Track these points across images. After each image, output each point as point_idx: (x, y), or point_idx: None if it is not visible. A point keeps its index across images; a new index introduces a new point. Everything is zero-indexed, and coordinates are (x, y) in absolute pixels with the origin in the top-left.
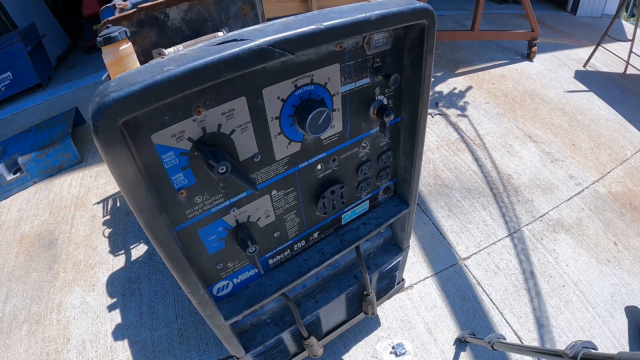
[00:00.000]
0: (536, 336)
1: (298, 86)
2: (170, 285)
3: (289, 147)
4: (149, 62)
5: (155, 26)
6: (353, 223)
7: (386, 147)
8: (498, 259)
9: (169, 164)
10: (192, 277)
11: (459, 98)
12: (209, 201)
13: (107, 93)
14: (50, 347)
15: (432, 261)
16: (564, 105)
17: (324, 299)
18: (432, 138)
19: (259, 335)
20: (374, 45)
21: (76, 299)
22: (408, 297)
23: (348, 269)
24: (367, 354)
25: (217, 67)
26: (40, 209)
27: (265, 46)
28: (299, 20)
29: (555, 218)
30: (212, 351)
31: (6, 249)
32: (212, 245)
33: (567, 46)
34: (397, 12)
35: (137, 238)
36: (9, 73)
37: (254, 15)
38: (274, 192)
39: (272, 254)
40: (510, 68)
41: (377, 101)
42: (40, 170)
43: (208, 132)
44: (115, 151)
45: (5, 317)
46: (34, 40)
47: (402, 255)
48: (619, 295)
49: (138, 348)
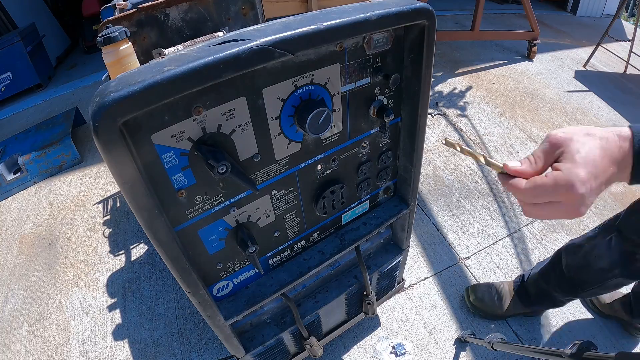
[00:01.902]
0: (536, 336)
1: (298, 86)
2: (170, 285)
3: (289, 147)
4: (149, 62)
5: (155, 26)
6: (353, 223)
7: (386, 147)
8: (498, 259)
9: (169, 164)
10: (192, 277)
11: (459, 98)
12: (209, 201)
13: (107, 93)
14: (50, 347)
15: (432, 261)
16: (564, 105)
17: (324, 299)
18: (432, 138)
19: (259, 335)
20: (374, 45)
21: (76, 299)
22: (408, 297)
23: (348, 269)
24: (367, 354)
25: (217, 67)
26: (40, 209)
27: (265, 46)
28: (299, 20)
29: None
30: (212, 351)
31: (6, 249)
32: (212, 245)
33: (567, 46)
34: (397, 12)
35: (137, 238)
36: (9, 73)
37: (254, 15)
38: (274, 192)
39: (272, 254)
40: (510, 68)
41: (377, 101)
42: (40, 170)
43: (208, 132)
44: (115, 151)
45: (5, 317)
46: (34, 40)
47: (402, 255)
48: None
49: (138, 348)
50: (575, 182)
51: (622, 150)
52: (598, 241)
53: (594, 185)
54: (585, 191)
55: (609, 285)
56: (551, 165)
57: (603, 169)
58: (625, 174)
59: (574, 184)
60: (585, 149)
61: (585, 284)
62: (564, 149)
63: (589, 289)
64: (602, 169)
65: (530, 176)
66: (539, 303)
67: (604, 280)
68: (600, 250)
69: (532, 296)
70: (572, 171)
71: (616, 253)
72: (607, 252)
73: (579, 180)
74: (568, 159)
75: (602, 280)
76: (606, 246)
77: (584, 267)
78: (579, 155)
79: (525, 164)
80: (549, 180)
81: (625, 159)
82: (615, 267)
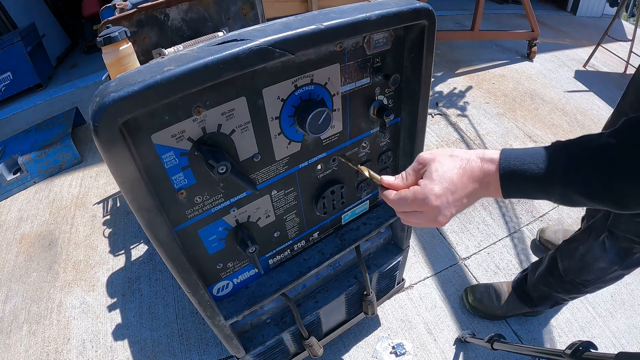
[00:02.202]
0: (536, 336)
1: (298, 86)
2: (170, 285)
3: (289, 147)
4: (149, 62)
5: (155, 26)
6: (353, 223)
7: (386, 147)
8: (498, 259)
9: (169, 164)
10: (192, 277)
11: (459, 98)
12: (209, 201)
13: (107, 93)
14: (50, 347)
15: (432, 261)
16: (564, 105)
17: (324, 299)
18: (432, 138)
19: (259, 336)
20: (374, 45)
21: (76, 299)
22: (408, 297)
23: (348, 269)
24: (367, 354)
25: (217, 67)
26: (40, 209)
27: (265, 46)
28: (299, 20)
29: (556, 218)
30: (212, 351)
31: (6, 249)
32: (212, 245)
33: (567, 46)
34: (397, 12)
35: (137, 238)
36: (9, 73)
37: (254, 15)
38: (274, 192)
39: (272, 254)
40: (510, 68)
41: (377, 101)
42: (40, 170)
43: (208, 132)
44: (115, 151)
45: (5, 317)
46: (34, 40)
47: (402, 255)
48: (619, 295)
49: (138, 348)
50: (429, 195)
51: (485, 170)
52: (591, 243)
53: (450, 199)
54: (440, 204)
55: (611, 278)
56: (417, 181)
57: (462, 185)
58: (492, 191)
59: (428, 197)
60: (443, 168)
61: (587, 282)
62: (427, 167)
63: (591, 286)
64: (460, 186)
65: (400, 189)
66: (544, 304)
67: (604, 276)
68: (596, 253)
69: (536, 299)
70: (428, 186)
71: (612, 253)
72: (603, 254)
73: (433, 194)
74: (427, 177)
75: (602, 276)
76: (600, 248)
77: (583, 269)
78: (436, 174)
79: (398, 179)
80: (410, 193)
81: (488, 178)
82: (614, 265)
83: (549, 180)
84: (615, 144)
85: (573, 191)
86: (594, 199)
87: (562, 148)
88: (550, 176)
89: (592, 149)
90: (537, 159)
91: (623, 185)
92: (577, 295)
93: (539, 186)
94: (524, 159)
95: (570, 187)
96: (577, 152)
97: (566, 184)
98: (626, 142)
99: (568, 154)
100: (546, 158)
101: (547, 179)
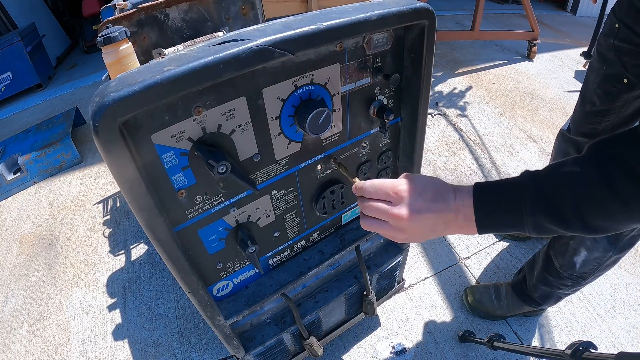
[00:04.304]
0: (536, 336)
1: (298, 86)
2: (170, 285)
3: (289, 147)
4: (149, 62)
5: (155, 26)
6: (353, 223)
7: (386, 147)
8: (498, 259)
9: (169, 164)
10: (192, 277)
11: (459, 98)
12: (209, 201)
13: (107, 93)
14: (50, 347)
15: (432, 261)
16: (564, 105)
17: (324, 299)
18: (432, 138)
19: (259, 336)
20: (374, 45)
21: (76, 299)
22: (408, 297)
23: (348, 269)
24: (367, 354)
25: (217, 67)
26: (40, 209)
27: (265, 46)
28: (299, 20)
29: None
30: (212, 351)
31: (6, 249)
32: (212, 245)
33: (567, 46)
34: (397, 12)
35: (137, 238)
36: (9, 73)
37: (254, 15)
38: (274, 192)
39: (272, 254)
40: (510, 68)
41: (377, 101)
42: (40, 170)
43: (208, 132)
44: (115, 151)
45: (5, 317)
46: (34, 40)
47: (402, 255)
48: (619, 295)
49: (138, 348)
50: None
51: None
52: (580, 237)
53: (420, 199)
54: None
55: (607, 265)
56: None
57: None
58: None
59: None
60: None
61: (586, 274)
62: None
63: (590, 277)
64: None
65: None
66: (547, 302)
67: (601, 264)
68: (588, 244)
69: (538, 299)
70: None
71: (604, 241)
72: (595, 244)
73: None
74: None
75: (599, 265)
76: (591, 239)
77: (578, 263)
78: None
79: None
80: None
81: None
82: (608, 252)
83: (519, 211)
84: (579, 172)
85: (543, 220)
86: (565, 227)
87: (531, 179)
88: (520, 206)
89: (559, 179)
90: (508, 191)
91: (589, 212)
92: (579, 288)
93: (511, 218)
94: (495, 190)
95: (539, 216)
96: (544, 183)
97: (536, 213)
98: (590, 172)
99: (536, 186)
100: (515, 190)
101: (517, 209)
